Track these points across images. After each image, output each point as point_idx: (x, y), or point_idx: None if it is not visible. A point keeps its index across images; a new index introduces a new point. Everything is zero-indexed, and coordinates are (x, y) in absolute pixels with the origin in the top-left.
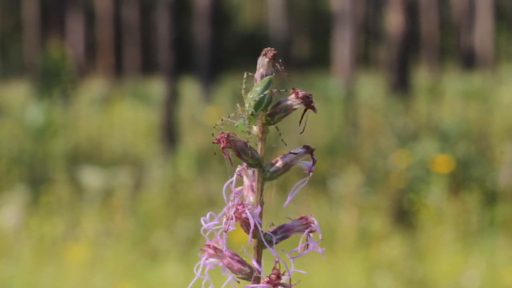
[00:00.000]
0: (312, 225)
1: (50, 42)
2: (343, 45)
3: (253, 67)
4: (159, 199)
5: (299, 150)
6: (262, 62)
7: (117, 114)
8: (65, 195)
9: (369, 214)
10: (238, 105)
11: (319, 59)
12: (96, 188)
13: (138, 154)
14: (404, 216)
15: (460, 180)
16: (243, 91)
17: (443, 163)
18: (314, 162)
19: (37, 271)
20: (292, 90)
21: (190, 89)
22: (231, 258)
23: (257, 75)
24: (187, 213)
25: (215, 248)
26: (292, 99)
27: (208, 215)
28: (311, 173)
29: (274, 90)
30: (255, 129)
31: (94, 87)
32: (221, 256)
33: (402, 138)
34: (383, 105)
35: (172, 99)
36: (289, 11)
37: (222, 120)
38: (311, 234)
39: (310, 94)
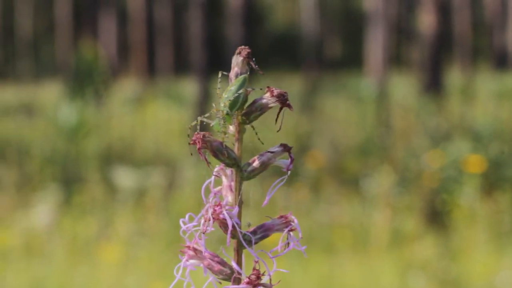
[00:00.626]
0: (292, 223)
1: (82, 42)
2: (375, 45)
3: (285, 67)
4: (191, 199)
5: (277, 148)
6: (237, 60)
7: (149, 114)
8: (98, 195)
9: (402, 215)
10: (213, 104)
11: (352, 59)
12: (129, 188)
13: (171, 154)
14: (437, 217)
15: (493, 181)
16: (218, 91)
17: (475, 163)
18: (292, 160)
19: (70, 271)
20: (267, 89)
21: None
22: (211, 259)
23: (232, 74)
24: None
25: (195, 250)
26: (267, 98)
27: (187, 216)
28: (289, 172)
29: (249, 89)
30: (232, 128)
31: (127, 87)
32: (201, 257)
33: (435, 138)
34: (415, 105)
35: (205, 99)
36: (321, 11)
37: (197, 121)
38: (291, 233)
39: (285, 92)
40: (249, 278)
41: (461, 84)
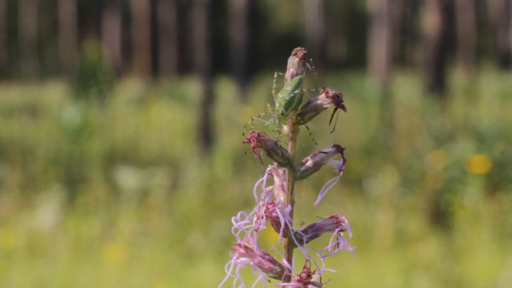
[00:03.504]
0: (343, 224)
1: (86, 42)
2: (379, 45)
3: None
4: (195, 199)
5: (330, 149)
6: (293, 61)
7: (153, 114)
8: (102, 195)
9: (405, 215)
10: (268, 104)
11: (356, 60)
12: (133, 189)
13: (175, 155)
14: (440, 217)
15: (497, 181)
16: (273, 91)
17: (479, 163)
18: (344, 161)
19: (74, 271)
20: (322, 90)
21: (226, 90)
22: (262, 257)
23: (288, 74)
24: (223, 213)
25: (246, 247)
26: (322, 99)
27: (238, 214)
28: (341, 172)
29: (304, 90)
30: (286, 128)
31: (131, 87)
32: (252, 255)
33: (438, 139)
34: (419, 105)
35: (209, 100)
36: (325, 11)
37: (252, 120)
38: (341, 233)
39: (340, 94)
40: (299, 276)
41: (465, 85)
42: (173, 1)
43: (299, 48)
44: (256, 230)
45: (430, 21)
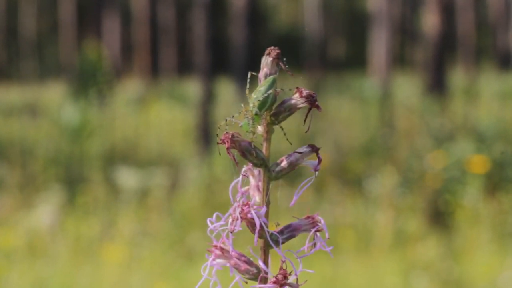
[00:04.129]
0: (319, 224)
1: (86, 42)
2: (379, 45)
3: (289, 67)
4: (195, 199)
5: (305, 149)
6: (266, 61)
7: (153, 114)
8: (101, 195)
9: (405, 215)
10: (242, 104)
11: (355, 60)
12: (132, 188)
13: (174, 155)
14: (440, 217)
15: (496, 181)
16: (247, 91)
17: (479, 163)
18: (319, 161)
19: (73, 271)
20: (296, 89)
21: (226, 90)
22: (238, 258)
23: (261, 74)
24: (222, 213)
25: (222, 249)
26: (296, 98)
27: (214, 215)
28: (316, 172)
29: (278, 90)
30: (260, 129)
31: (130, 87)
32: (228, 256)
33: (438, 139)
34: (419, 105)
35: (208, 100)
36: (325, 11)
37: (226, 121)
38: (318, 233)
39: (314, 93)
40: (276, 277)
41: (465, 85)
42: (173, 1)
43: (272, 47)
44: (231, 232)
45: (429, 21)
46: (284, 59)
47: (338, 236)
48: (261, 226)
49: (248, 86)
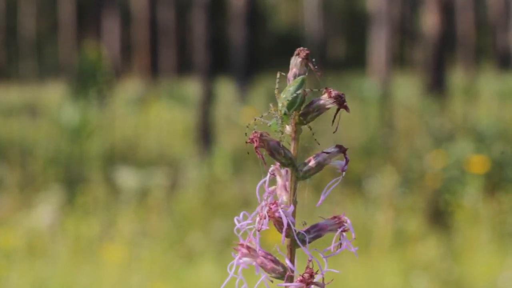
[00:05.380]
0: (345, 224)
1: (86, 42)
2: (379, 45)
3: (288, 68)
4: (194, 199)
5: (332, 149)
6: (295, 61)
7: (153, 114)
8: (101, 195)
9: (405, 215)
10: (271, 104)
11: (355, 60)
12: (132, 189)
13: (174, 155)
14: (440, 217)
15: (496, 181)
16: (276, 91)
17: (479, 163)
18: (347, 161)
19: (73, 271)
20: (325, 90)
21: (225, 90)
22: (264, 257)
23: (290, 74)
24: (222, 213)
25: (248, 248)
26: (325, 99)
27: (241, 214)
28: (344, 173)
29: (307, 90)
30: (288, 128)
31: (130, 87)
32: (255, 255)
33: (438, 139)
34: (419, 105)
35: (208, 100)
36: (324, 11)
37: (255, 120)
38: (344, 233)
39: (343, 94)
40: (302, 276)
41: (464, 84)
42: (173, 1)
43: (301, 48)
44: (258, 231)
45: (429, 21)
46: (314, 60)
47: (334, 234)
48: (288, 225)
49: (277, 86)
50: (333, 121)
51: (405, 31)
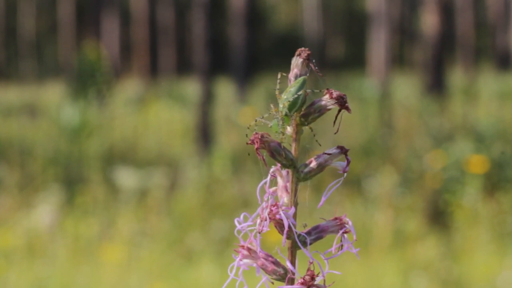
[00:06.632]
0: (346, 225)
1: (85, 42)
2: (378, 45)
3: (287, 68)
4: (194, 199)
5: (334, 150)
6: (296, 62)
7: (152, 114)
8: (100, 196)
9: (404, 215)
10: (272, 105)
11: (354, 60)
12: (131, 189)
13: (173, 155)
14: (439, 217)
15: (495, 181)
16: (277, 92)
17: (478, 163)
18: (348, 162)
19: (72, 271)
20: (326, 91)
21: (225, 90)
22: (265, 259)
23: (291, 75)
24: (222, 213)
25: (249, 249)
26: (326, 100)
27: (242, 216)
28: (345, 174)
29: (308, 91)
30: (289, 129)
31: (130, 87)
32: (255, 257)
33: (437, 139)
34: (418, 105)
35: (207, 100)
36: (324, 11)
37: (256, 121)
38: (345, 235)
39: (344, 95)
40: (303, 278)
41: (464, 85)
42: (172, 1)
43: (302, 48)
44: (259, 232)
45: (429, 21)
46: (314, 60)
47: (336, 236)
48: (289, 227)
49: (278, 86)
50: (334, 122)
51: (404, 31)
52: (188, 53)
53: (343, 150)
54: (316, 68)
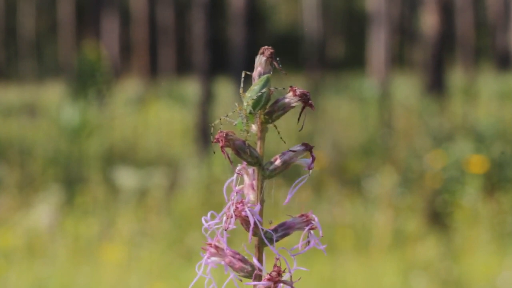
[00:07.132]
0: (313, 222)
1: (85, 42)
2: (378, 45)
3: (288, 68)
4: (194, 199)
5: (298, 147)
6: (260, 60)
7: (152, 114)
8: (100, 195)
9: (404, 215)
10: (236, 104)
11: (354, 60)
12: (131, 189)
13: (173, 155)
14: (439, 217)
15: (495, 181)
16: (241, 90)
17: (478, 163)
18: (313, 159)
19: (72, 271)
20: (289, 88)
21: (225, 90)
22: (233, 256)
23: (255, 73)
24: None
25: (216, 247)
26: (289, 97)
27: (209, 214)
28: (310, 171)
29: (272, 89)
30: (254, 127)
31: (129, 87)
32: (223, 254)
33: (437, 139)
34: (418, 105)
35: (207, 100)
36: (324, 11)
37: (220, 120)
38: (312, 231)
39: (308, 92)
40: (270, 275)
41: (464, 85)
42: (172, 1)
43: (266, 47)
44: (225, 230)
45: (428, 21)
46: (278, 58)
47: (337, 236)
48: (255, 224)
49: (242, 85)
50: (298, 119)
51: (404, 31)
52: (188, 53)
53: (307, 147)
54: (280, 65)
